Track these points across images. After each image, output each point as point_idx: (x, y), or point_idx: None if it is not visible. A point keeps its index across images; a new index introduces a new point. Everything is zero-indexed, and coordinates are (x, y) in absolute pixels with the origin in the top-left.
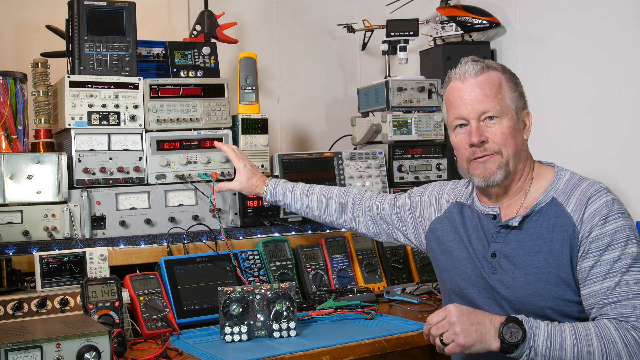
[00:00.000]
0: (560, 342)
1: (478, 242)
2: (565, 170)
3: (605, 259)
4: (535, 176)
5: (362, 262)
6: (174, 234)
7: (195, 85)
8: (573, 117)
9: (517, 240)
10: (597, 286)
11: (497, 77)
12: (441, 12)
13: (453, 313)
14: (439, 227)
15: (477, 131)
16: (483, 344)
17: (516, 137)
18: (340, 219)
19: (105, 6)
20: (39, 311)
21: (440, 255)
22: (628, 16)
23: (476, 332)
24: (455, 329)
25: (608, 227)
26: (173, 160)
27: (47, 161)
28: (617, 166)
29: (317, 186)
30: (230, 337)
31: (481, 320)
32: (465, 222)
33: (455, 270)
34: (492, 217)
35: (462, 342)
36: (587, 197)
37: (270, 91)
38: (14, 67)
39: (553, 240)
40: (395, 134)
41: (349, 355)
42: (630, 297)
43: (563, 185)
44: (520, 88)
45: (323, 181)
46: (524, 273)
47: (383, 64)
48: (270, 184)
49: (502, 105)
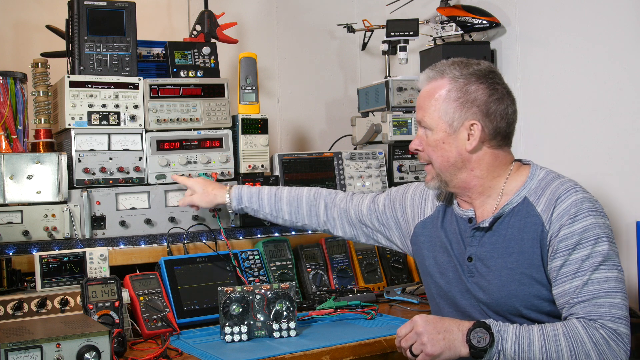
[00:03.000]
0: (528, 344)
1: (457, 246)
2: (541, 169)
3: (574, 258)
4: (511, 176)
5: (362, 262)
6: (174, 234)
7: (195, 85)
8: (573, 117)
9: (491, 243)
10: (567, 285)
11: (439, 87)
12: (441, 12)
13: (419, 324)
14: (422, 231)
15: (416, 139)
16: (452, 351)
17: (446, 150)
18: (312, 222)
19: (105, 6)
20: (39, 311)
21: (426, 259)
22: (628, 16)
23: (443, 340)
24: (422, 339)
25: (576, 225)
26: (173, 160)
27: (47, 161)
28: (617, 166)
29: (285, 188)
30: (230, 337)
31: (448, 328)
32: (446, 226)
33: (439, 274)
34: (468, 220)
35: (430, 352)
36: (557, 196)
37: (270, 91)
38: (14, 67)
39: (524, 241)
40: (395, 134)
41: (349, 355)
42: (599, 295)
43: (536, 184)
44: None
45: (323, 181)
46: (498, 275)
47: (383, 64)
48: (234, 190)
49: (431, 118)
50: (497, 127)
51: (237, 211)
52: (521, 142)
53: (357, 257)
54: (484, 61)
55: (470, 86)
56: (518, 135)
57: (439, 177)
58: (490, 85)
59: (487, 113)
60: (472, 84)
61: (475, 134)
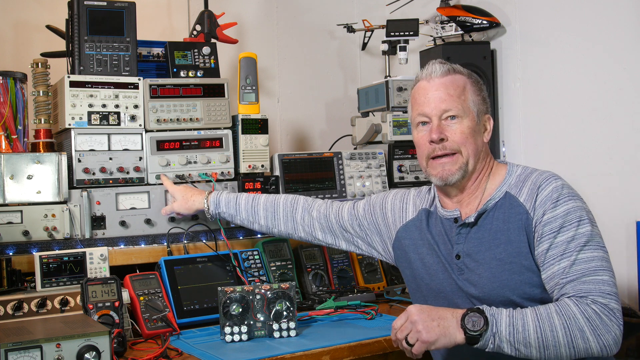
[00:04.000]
0: (522, 325)
1: (444, 246)
2: (517, 166)
3: (559, 241)
4: (491, 175)
5: (362, 262)
6: (174, 234)
7: (195, 85)
8: (573, 116)
9: (477, 238)
10: (555, 267)
11: (462, 80)
12: (441, 12)
13: (414, 312)
14: (405, 235)
15: (437, 128)
16: (447, 337)
17: (476, 138)
18: (289, 227)
19: (105, 6)
20: (39, 311)
21: (413, 262)
22: (628, 16)
23: (438, 327)
24: (417, 327)
25: (559, 209)
26: (173, 160)
27: (47, 161)
28: (617, 166)
29: (264, 195)
30: (230, 337)
31: (442, 315)
32: (431, 228)
33: (428, 275)
34: (454, 220)
35: (425, 339)
36: (538, 184)
37: (270, 91)
38: (14, 67)
39: (510, 231)
40: (395, 134)
41: (349, 355)
42: (587, 273)
43: (515, 179)
44: (484, 93)
45: (323, 181)
46: (487, 267)
47: (383, 64)
48: (213, 195)
49: (464, 106)
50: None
51: (214, 216)
52: (521, 142)
53: (357, 257)
54: None
55: (481, 84)
56: (518, 135)
57: (466, 167)
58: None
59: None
60: (479, 82)
61: (489, 128)
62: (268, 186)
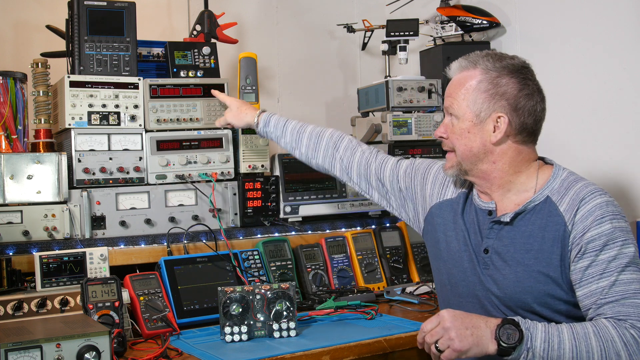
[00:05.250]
0: (558, 342)
1: (474, 236)
2: (563, 170)
3: (600, 259)
4: (532, 174)
5: (362, 262)
6: (174, 234)
7: (195, 85)
8: (573, 116)
9: (509, 237)
10: (593, 286)
11: (470, 77)
12: (441, 12)
13: (447, 318)
14: (439, 212)
15: (441, 126)
16: (480, 347)
17: (470, 139)
18: (327, 162)
19: (105, 6)
20: (39, 311)
21: (439, 242)
22: (628, 16)
23: (472, 336)
24: (450, 334)
25: (604, 227)
26: (173, 160)
27: (47, 161)
28: (617, 166)
29: (311, 125)
30: (230, 337)
31: (476, 324)
32: (465, 214)
33: (452, 260)
34: (488, 212)
35: (458, 347)
36: (581, 197)
37: (270, 91)
38: (14, 67)
39: (544, 239)
40: (395, 134)
41: (349, 355)
42: (627, 296)
43: (558, 184)
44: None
45: (323, 181)
46: (513, 270)
47: (383, 64)
48: (265, 114)
49: (460, 106)
50: (524, 122)
51: (262, 134)
52: None
53: (357, 257)
54: (517, 56)
55: (502, 79)
56: None
57: (459, 166)
58: (521, 80)
59: (515, 107)
60: (503, 77)
61: (501, 127)
62: (268, 186)
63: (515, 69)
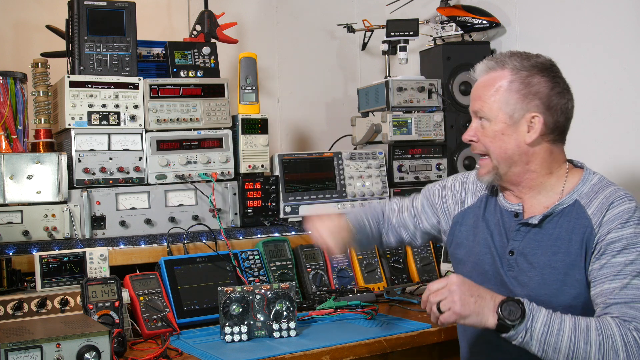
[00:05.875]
0: (558, 329)
1: (498, 238)
2: (594, 174)
3: (617, 261)
4: (561, 177)
5: (362, 262)
6: (174, 234)
7: (195, 85)
8: (573, 117)
9: (536, 240)
10: (605, 285)
11: (499, 77)
12: (441, 12)
13: (454, 282)
14: (462, 220)
15: (470, 129)
16: (479, 317)
17: (505, 141)
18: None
19: (105, 6)
20: (39, 311)
21: (459, 248)
22: (628, 16)
23: (474, 304)
24: (453, 296)
25: (627, 230)
26: (173, 160)
27: (47, 161)
28: (617, 166)
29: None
30: (230, 337)
31: (482, 294)
32: (488, 216)
33: (472, 264)
34: (515, 214)
35: (458, 311)
36: (610, 201)
37: (270, 91)
38: (14, 67)
39: (572, 242)
40: (395, 134)
41: (349, 355)
42: (636, 300)
43: (588, 188)
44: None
45: (323, 181)
46: (540, 273)
47: (383, 64)
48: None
49: (492, 108)
50: (557, 121)
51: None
52: None
53: (357, 257)
54: (541, 54)
55: (533, 78)
56: None
57: (495, 170)
58: (552, 79)
59: (548, 106)
60: (534, 76)
61: (535, 127)
62: (268, 186)
63: (544, 67)
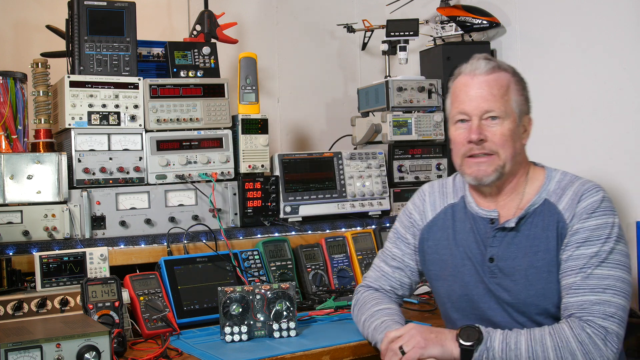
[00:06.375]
0: (515, 343)
1: (475, 246)
2: (555, 171)
3: (580, 254)
4: (529, 178)
5: (362, 262)
6: (174, 234)
7: (195, 85)
8: (573, 116)
9: (515, 243)
10: (570, 279)
11: (506, 78)
12: (441, 12)
13: (412, 327)
14: (428, 235)
15: (477, 129)
16: (443, 348)
17: (515, 140)
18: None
19: (105, 6)
20: (39, 311)
21: (432, 264)
22: (628, 16)
23: (436, 338)
24: (415, 337)
25: (590, 222)
26: (173, 160)
27: (47, 161)
28: (616, 166)
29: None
30: (230, 337)
31: (440, 330)
32: (456, 224)
33: (452, 277)
34: (490, 220)
35: (422, 344)
36: (580, 195)
37: (270, 91)
38: (14, 67)
39: (549, 239)
40: (395, 134)
41: (349, 355)
42: (597, 290)
43: (554, 186)
44: (526, 93)
45: (323, 181)
46: (524, 275)
47: (383, 64)
48: None
49: (506, 107)
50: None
51: None
52: None
53: (357, 257)
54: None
55: (524, 82)
56: None
57: (502, 169)
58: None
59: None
60: (523, 81)
61: (528, 129)
62: (268, 186)
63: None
